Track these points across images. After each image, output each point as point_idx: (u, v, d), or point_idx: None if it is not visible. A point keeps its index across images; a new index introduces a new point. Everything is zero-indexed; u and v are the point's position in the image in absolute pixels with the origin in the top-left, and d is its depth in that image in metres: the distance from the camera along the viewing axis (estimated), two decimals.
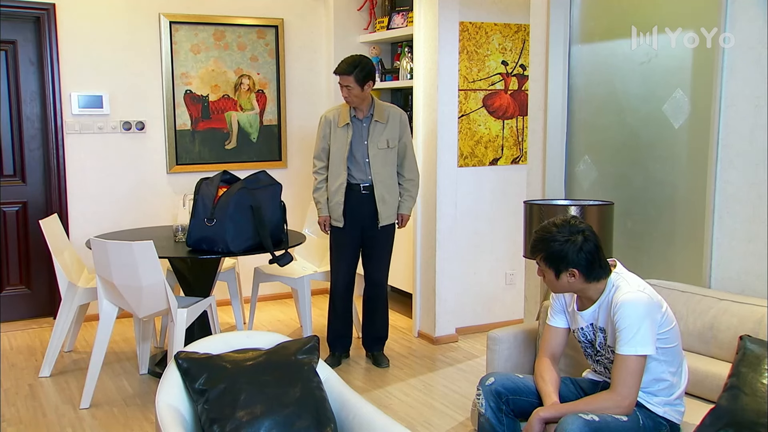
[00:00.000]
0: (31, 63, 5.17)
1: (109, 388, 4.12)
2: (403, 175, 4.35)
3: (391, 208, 4.32)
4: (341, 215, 4.26)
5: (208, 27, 5.54)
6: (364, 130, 4.24)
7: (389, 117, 4.26)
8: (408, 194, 4.37)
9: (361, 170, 4.24)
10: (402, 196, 4.36)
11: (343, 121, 4.22)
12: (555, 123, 3.83)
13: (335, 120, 4.24)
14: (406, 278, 5.27)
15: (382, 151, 4.24)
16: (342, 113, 4.25)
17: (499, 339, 3.12)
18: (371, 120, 4.24)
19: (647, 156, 3.45)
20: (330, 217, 4.29)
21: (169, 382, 2.45)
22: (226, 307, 5.31)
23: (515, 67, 5.04)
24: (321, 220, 4.34)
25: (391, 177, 4.29)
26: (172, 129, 5.49)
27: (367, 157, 4.23)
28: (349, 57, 4.20)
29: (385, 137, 4.24)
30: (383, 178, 4.26)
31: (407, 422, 3.64)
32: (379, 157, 4.23)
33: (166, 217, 5.44)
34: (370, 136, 4.23)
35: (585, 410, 2.41)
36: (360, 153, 4.22)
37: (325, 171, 4.29)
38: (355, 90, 4.13)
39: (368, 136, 4.23)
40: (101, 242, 3.71)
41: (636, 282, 2.51)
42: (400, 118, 4.29)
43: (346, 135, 4.22)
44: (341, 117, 4.24)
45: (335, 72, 4.18)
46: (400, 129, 4.29)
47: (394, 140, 4.26)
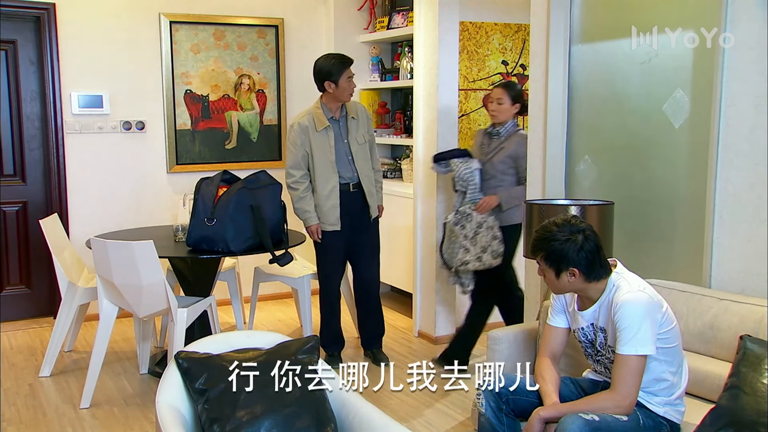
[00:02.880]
0: (31, 63, 5.16)
1: (109, 388, 4.12)
2: (374, 168, 4.41)
3: (376, 200, 4.40)
4: (338, 218, 4.24)
5: (208, 27, 5.54)
6: (342, 128, 4.27)
7: (358, 112, 4.34)
8: (380, 185, 4.47)
9: (348, 169, 4.25)
10: (375, 188, 4.42)
11: (322, 125, 4.18)
12: (555, 123, 3.83)
13: (312, 125, 4.19)
14: (406, 278, 5.27)
15: (361, 147, 4.30)
16: (317, 117, 4.20)
17: (499, 339, 3.12)
18: (347, 118, 4.27)
19: (647, 156, 3.44)
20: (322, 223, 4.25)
21: (169, 381, 2.45)
22: (226, 307, 5.31)
23: (515, 67, 5.04)
24: (313, 228, 4.23)
25: (370, 170, 4.37)
26: (172, 129, 5.49)
27: (350, 155, 4.25)
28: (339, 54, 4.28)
29: (360, 132, 4.31)
30: (366, 172, 4.32)
31: (407, 422, 3.64)
32: (360, 152, 4.29)
33: (166, 216, 5.44)
34: (349, 133, 4.26)
35: (585, 410, 2.41)
36: (343, 152, 4.24)
37: (306, 179, 4.22)
38: None
39: (347, 133, 4.26)
40: (101, 242, 3.71)
41: (636, 282, 2.51)
42: (365, 113, 4.39)
43: (327, 137, 4.19)
44: (318, 121, 4.19)
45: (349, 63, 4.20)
46: (368, 123, 4.38)
47: (366, 135, 4.34)
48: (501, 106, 4.15)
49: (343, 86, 4.17)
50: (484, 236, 4.13)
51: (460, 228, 4.16)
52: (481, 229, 4.14)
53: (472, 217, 4.15)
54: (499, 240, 4.13)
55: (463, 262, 4.16)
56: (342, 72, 4.15)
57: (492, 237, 4.12)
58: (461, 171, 4.18)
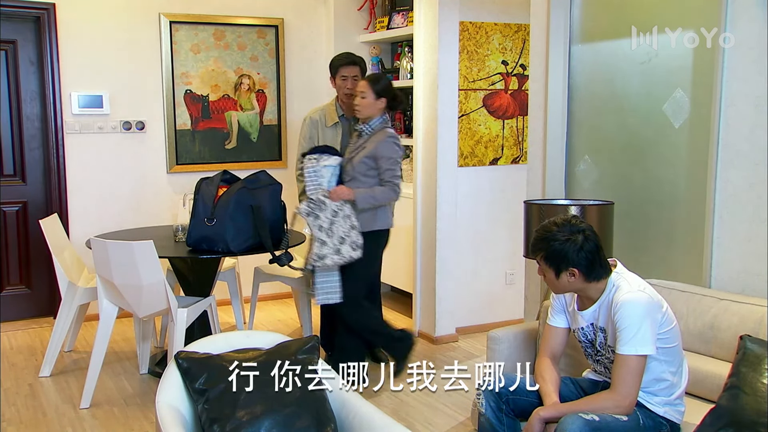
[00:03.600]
0: (31, 63, 5.16)
1: (109, 388, 4.12)
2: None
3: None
4: None
5: (208, 27, 5.54)
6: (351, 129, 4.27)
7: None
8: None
9: None
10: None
11: (332, 121, 4.24)
12: (555, 123, 3.83)
13: (322, 120, 4.25)
14: (406, 278, 5.27)
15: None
16: (329, 113, 4.26)
17: (499, 339, 3.12)
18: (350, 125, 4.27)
19: (647, 156, 3.45)
20: None
21: (169, 381, 2.45)
22: (226, 307, 5.30)
23: (515, 67, 5.04)
24: None
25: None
26: (172, 129, 5.49)
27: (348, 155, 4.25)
28: (346, 53, 4.29)
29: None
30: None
31: (407, 422, 3.64)
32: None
33: (166, 216, 5.44)
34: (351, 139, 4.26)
35: (585, 410, 2.41)
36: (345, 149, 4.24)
37: None
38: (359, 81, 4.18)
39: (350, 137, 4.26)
40: (101, 242, 3.71)
41: (636, 282, 2.52)
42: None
43: (335, 134, 4.25)
44: (329, 116, 4.26)
45: (342, 63, 4.21)
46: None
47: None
48: (364, 100, 3.86)
49: (338, 84, 4.25)
50: (342, 226, 3.78)
51: (313, 219, 3.79)
52: (337, 217, 3.78)
53: (326, 205, 3.79)
54: (358, 230, 3.81)
55: (319, 256, 3.77)
56: (337, 70, 4.23)
57: (350, 227, 3.78)
58: (307, 168, 3.87)
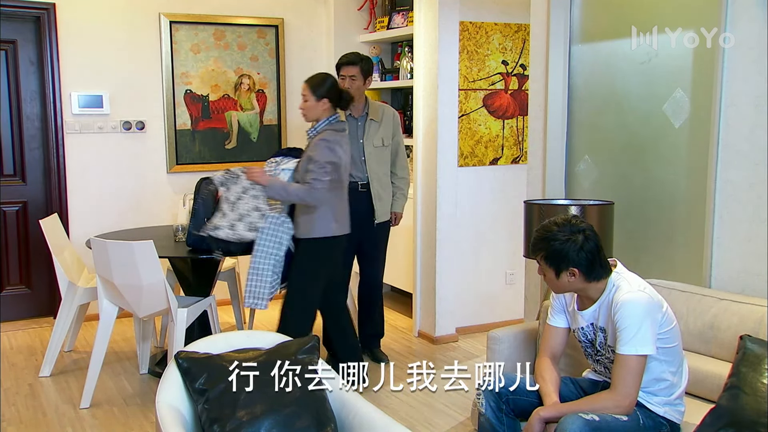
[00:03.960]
0: (31, 63, 5.16)
1: (109, 388, 4.12)
2: (395, 173, 4.39)
3: (386, 205, 4.36)
4: None
5: (208, 27, 5.54)
6: (359, 128, 4.26)
7: (383, 115, 4.31)
8: (400, 192, 4.42)
9: (359, 169, 4.25)
10: (395, 195, 4.39)
11: None
12: (555, 123, 3.83)
13: None
14: (406, 278, 5.27)
15: (377, 150, 4.27)
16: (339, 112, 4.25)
17: (499, 339, 3.12)
18: (366, 118, 4.27)
19: (647, 156, 3.45)
20: None
21: (169, 381, 2.45)
22: (226, 307, 5.30)
23: (515, 67, 5.04)
24: None
25: (385, 175, 4.34)
26: (172, 129, 5.49)
27: (363, 155, 4.25)
28: (350, 53, 4.28)
29: (380, 135, 4.28)
30: (379, 176, 4.29)
31: (407, 422, 3.63)
32: (375, 155, 4.27)
33: (166, 216, 5.44)
34: (366, 135, 4.26)
35: (585, 410, 2.41)
36: (356, 151, 4.23)
37: None
38: (358, 81, 4.19)
39: (364, 134, 4.26)
40: (101, 242, 3.71)
41: (636, 282, 2.52)
42: (393, 117, 4.35)
43: None
44: None
45: (341, 63, 4.22)
46: (393, 127, 4.35)
47: (388, 138, 4.31)
48: (306, 103, 3.74)
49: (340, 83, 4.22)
50: (246, 203, 3.72)
51: (224, 189, 3.77)
52: (245, 194, 3.73)
53: (240, 181, 3.74)
54: (261, 214, 3.72)
55: (215, 226, 3.74)
56: (338, 70, 4.24)
57: (254, 207, 3.70)
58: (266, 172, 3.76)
